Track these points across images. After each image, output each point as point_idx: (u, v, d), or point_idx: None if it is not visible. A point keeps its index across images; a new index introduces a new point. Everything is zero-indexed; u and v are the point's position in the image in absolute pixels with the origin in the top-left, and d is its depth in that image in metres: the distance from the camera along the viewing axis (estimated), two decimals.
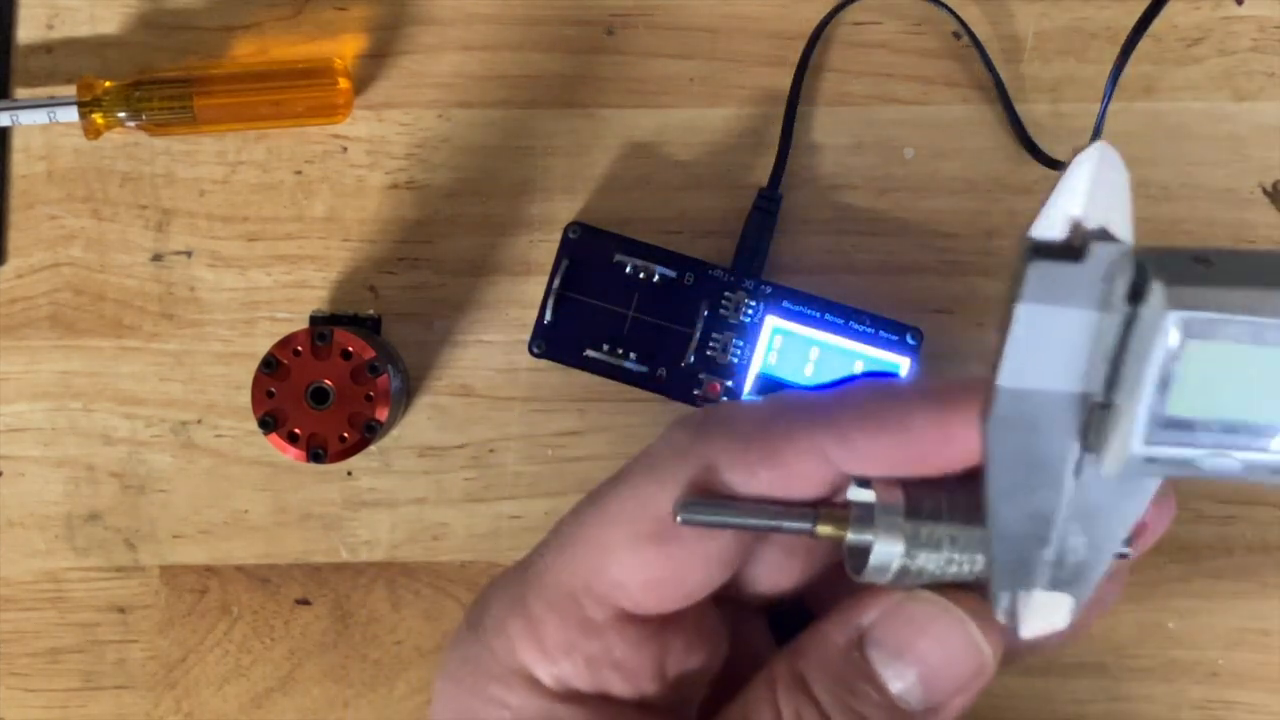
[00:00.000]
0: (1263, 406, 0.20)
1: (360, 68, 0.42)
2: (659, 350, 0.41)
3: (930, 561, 0.23)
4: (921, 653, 0.24)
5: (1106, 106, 0.41)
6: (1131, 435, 0.20)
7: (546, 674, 0.25)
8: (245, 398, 0.39)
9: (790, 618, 0.28)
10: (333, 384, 0.39)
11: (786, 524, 0.24)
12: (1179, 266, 0.19)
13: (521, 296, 0.42)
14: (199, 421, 0.42)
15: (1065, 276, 0.20)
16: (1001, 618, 0.23)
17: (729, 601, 0.27)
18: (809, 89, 0.42)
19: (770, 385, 0.41)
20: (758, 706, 0.24)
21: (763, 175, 0.42)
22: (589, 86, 0.42)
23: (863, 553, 0.24)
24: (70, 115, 0.40)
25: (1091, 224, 0.19)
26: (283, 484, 0.42)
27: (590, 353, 0.41)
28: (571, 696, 0.25)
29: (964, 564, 0.23)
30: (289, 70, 0.41)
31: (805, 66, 0.42)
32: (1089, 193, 0.19)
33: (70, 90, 0.41)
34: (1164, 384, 0.19)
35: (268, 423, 0.39)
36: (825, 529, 0.24)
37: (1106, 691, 0.42)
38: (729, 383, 0.41)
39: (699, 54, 0.42)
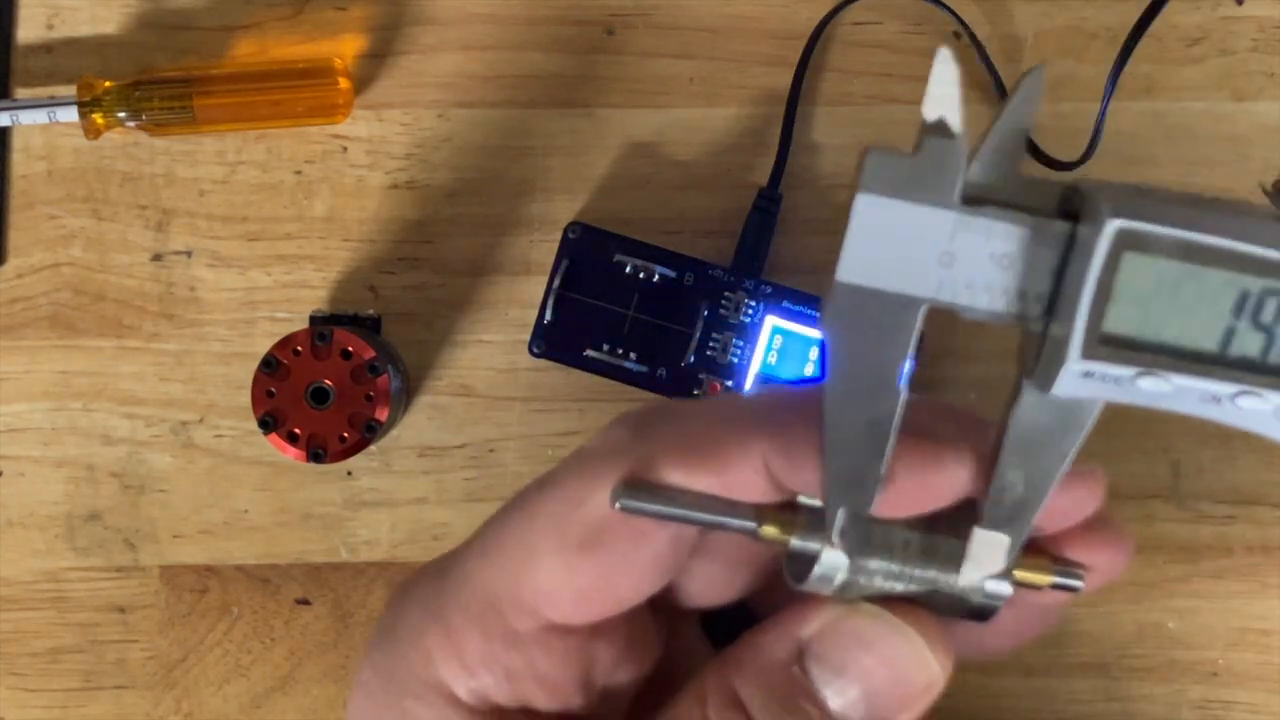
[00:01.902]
0: (1194, 329, 0.20)
1: (360, 68, 0.42)
2: (659, 350, 0.41)
3: (878, 574, 0.22)
4: (865, 669, 0.22)
5: (1106, 106, 0.41)
6: (1069, 349, 0.20)
7: (464, 688, 0.24)
8: (245, 398, 0.39)
9: (726, 617, 0.27)
10: (333, 384, 0.39)
11: (730, 521, 0.23)
12: (1120, 190, 0.20)
13: (521, 296, 0.42)
14: (199, 421, 0.42)
15: (903, 168, 0.20)
16: (836, 539, 0.22)
17: (663, 607, 0.26)
18: (809, 89, 0.42)
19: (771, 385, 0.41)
20: None
21: (763, 175, 0.42)
22: (589, 86, 0.42)
23: (806, 560, 0.22)
24: (70, 115, 0.40)
25: (930, 118, 0.20)
26: (283, 484, 0.42)
27: (590, 353, 0.41)
28: (491, 711, 0.24)
29: (912, 579, 0.22)
30: (289, 70, 0.41)
31: (805, 66, 0.42)
32: (928, 92, 0.20)
33: (70, 90, 0.41)
34: (1101, 296, 0.20)
35: (268, 423, 0.39)
36: (770, 530, 0.23)
37: (1106, 691, 0.42)
38: (729, 383, 0.41)
39: (699, 54, 0.42)
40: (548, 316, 0.41)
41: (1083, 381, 0.20)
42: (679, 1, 0.43)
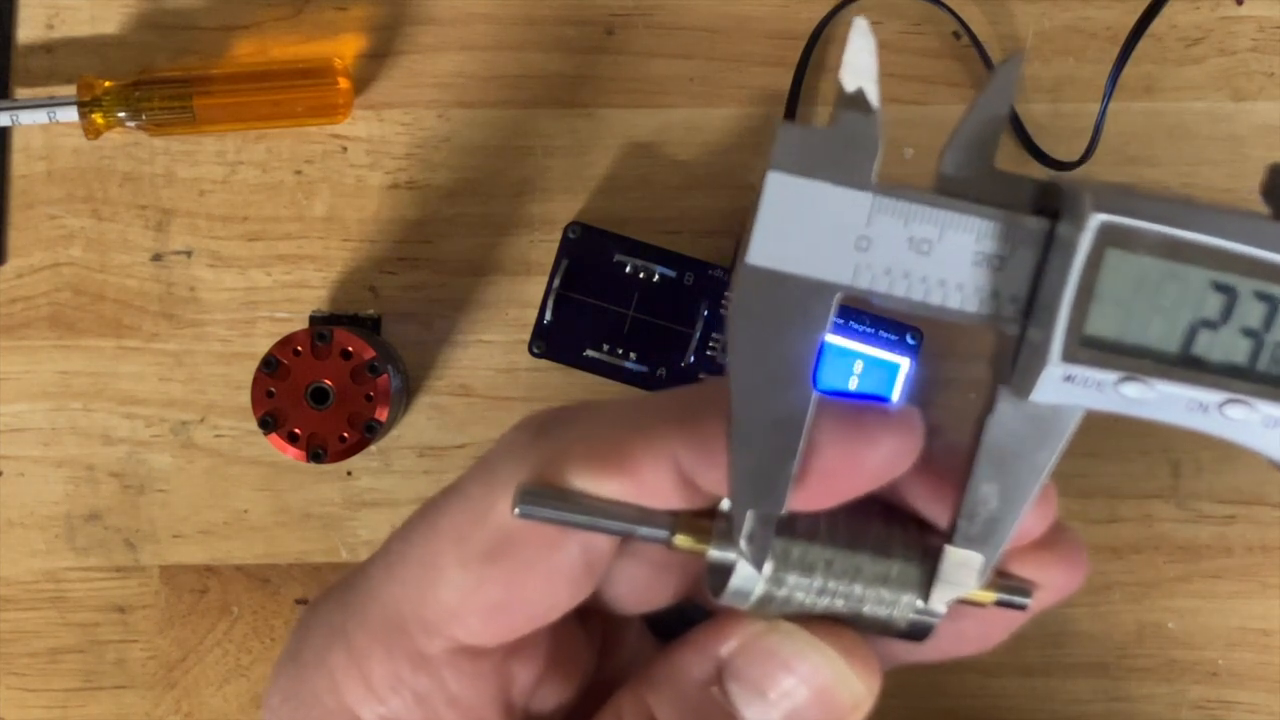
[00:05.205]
0: (1179, 332, 0.19)
1: (360, 68, 0.42)
2: (659, 350, 0.41)
3: (799, 590, 0.21)
4: (786, 690, 0.21)
5: (1106, 106, 0.41)
6: (1049, 351, 0.19)
7: (372, 714, 0.22)
8: (245, 398, 0.39)
9: (682, 619, 0.25)
10: (333, 384, 0.39)
11: (642, 530, 0.21)
12: (1103, 187, 0.19)
13: (521, 296, 0.42)
14: (199, 421, 0.42)
15: (817, 144, 0.19)
16: (744, 545, 0.20)
17: (597, 614, 0.24)
18: (809, 89, 0.42)
19: None
20: None
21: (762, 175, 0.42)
22: (589, 86, 0.42)
23: (725, 572, 0.21)
24: (70, 115, 0.40)
25: (848, 88, 0.19)
26: (283, 484, 0.42)
27: (590, 353, 0.41)
28: None
29: (837, 597, 0.21)
30: (289, 70, 0.41)
31: (805, 66, 0.42)
32: (844, 63, 0.19)
33: (70, 90, 0.41)
34: (1084, 295, 0.19)
35: (268, 423, 0.39)
36: (684, 540, 0.21)
37: (1106, 691, 0.42)
38: None
39: (699, 54, 0.42)
40: (547, 316, 0.41)
41: (1063, 386, 0.19)
42: (679, 1, 0.43)
